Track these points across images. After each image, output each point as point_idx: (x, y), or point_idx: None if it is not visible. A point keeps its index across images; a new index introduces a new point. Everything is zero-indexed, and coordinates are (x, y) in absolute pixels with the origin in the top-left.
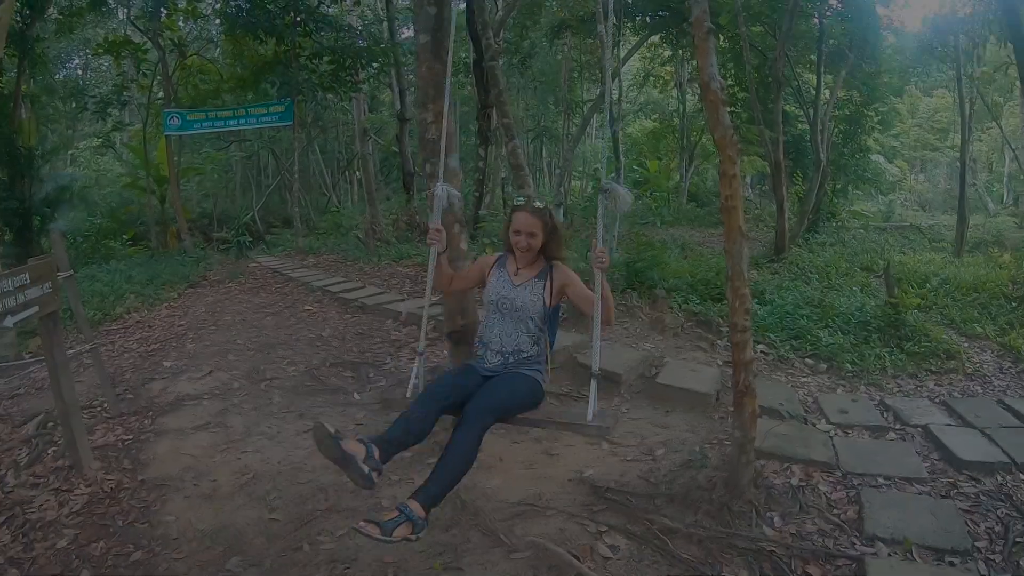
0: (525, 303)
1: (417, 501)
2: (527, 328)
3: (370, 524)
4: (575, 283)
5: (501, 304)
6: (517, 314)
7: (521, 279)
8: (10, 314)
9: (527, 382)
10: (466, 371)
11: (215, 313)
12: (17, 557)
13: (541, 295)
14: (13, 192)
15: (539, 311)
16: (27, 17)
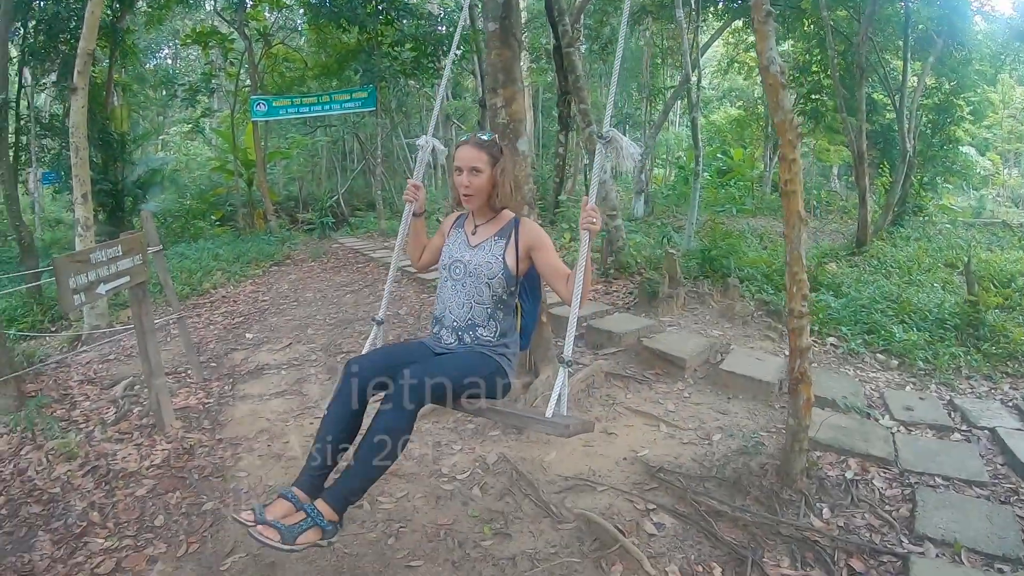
0: (480, 265)
1: (326, 502)
2: (482, 298)
3: (268, 528)
4: (545, 248)
5: (454, 269)
6: (472, 280)
7: (479, 238)
8: (103, 282)
9: (485, 363)
10: (411, 347)
11: (297, 290)
12: (99, 502)
13: (501, 256)
14: (107, 175)
15: (498, 275)
16: (117, 10)
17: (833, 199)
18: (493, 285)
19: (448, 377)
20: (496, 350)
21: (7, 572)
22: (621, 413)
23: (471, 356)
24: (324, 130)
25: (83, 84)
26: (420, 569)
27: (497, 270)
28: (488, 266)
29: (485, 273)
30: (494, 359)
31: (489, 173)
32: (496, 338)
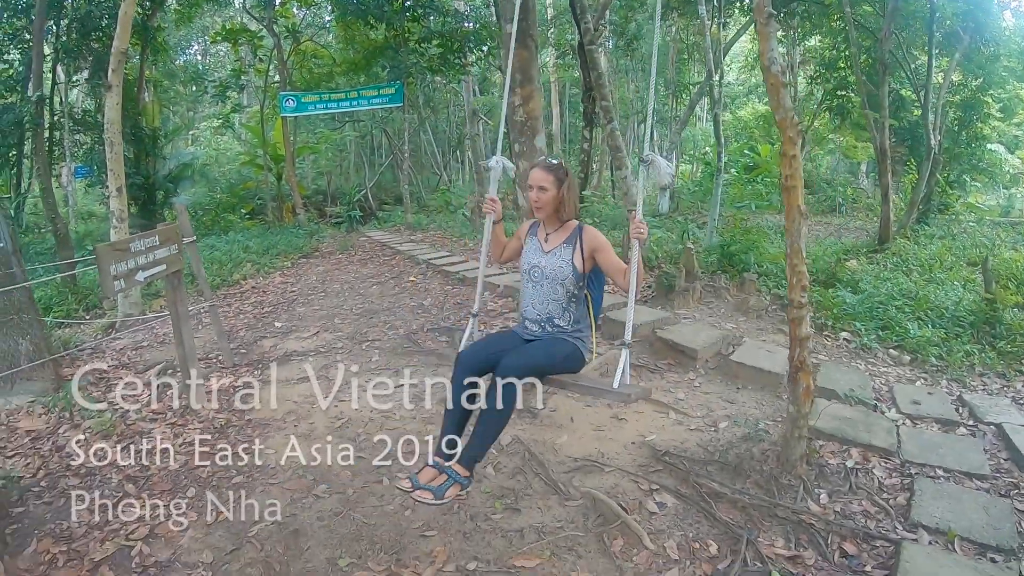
0: (554, 272)
1: (460, 464)
2: (558, 296)
3: (424, 492)
4: (606, 249)
5: (532, 273)
6: (548, 282)
7: (551, 245)
8: (142, 270)
9: (563, 347)
10: (507, 335)
11: (325, 281)
12: (134, 475)
13: (570, 260)
14: (139, 169)
15: (569, 276)
16: (148, 8)
17: (860, 196)
18: (566, 284)
19: (538, 361)
20: (572, 335)
21: (47, 537)
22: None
23: (554, 342)
24: (352, 125)
25: (117, 82)
26: (433, 539)
27: (567, 272)
28: (560, 270)
29: (558, 276)
30: (571, 342)
31: (555, 192)
32: (571, 325)
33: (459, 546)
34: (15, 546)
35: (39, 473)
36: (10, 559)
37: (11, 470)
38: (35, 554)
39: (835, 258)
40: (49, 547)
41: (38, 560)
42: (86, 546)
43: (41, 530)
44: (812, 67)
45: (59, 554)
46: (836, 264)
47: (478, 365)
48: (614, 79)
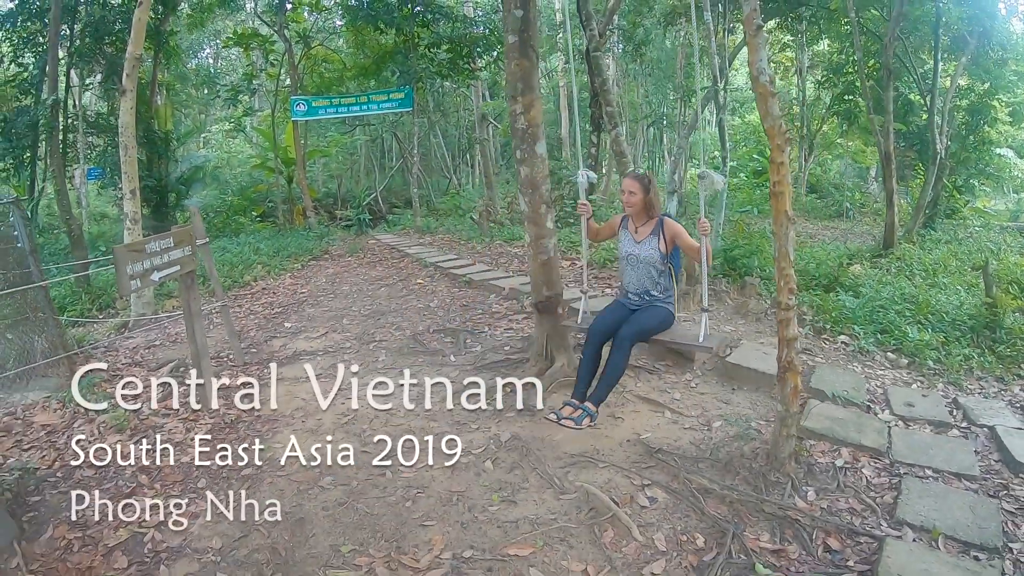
0: (646, 257)
1: (591, 402)
2: (651, 274)
3: (568, 420)
4: (683, 235)
5: (629, 259)
6: (642, 266)
7: (641, 236)
8: (157, 270)
9: (659, 312)
10: (616, 308)
11: (334, 283)
12: (147, 467)
13: (657, 247)
14: (151, 171)
15: (657, 260)
16: (161, 13)
17: (868, 200)
18: (655, 265)
19: (644, 326)
20: (665, 301)
21: (61, 524)
22: (629, 400)
23: (653, 309)
24: (363, 129)
25: (131, 87)
26: (433, 528)
27: (656, 257)
28: (651, 256)
29: (649, 260)
30: (664, 307)
31: (642, 196)
32: (663, 294)
33: (456, 535)
34: (32, 532)
35: (55, 465)
36: (27, 544)
37: (28, 462)
38: (51, 540)
39: (838, 262)
40: (64, 533)
41: (54, 546)
42: (100, 532)
43: (57, 518)
44: (820, 71)
45: (74, 540)
46: (839, 268)
47: (606, 334)
48: (623, 84)
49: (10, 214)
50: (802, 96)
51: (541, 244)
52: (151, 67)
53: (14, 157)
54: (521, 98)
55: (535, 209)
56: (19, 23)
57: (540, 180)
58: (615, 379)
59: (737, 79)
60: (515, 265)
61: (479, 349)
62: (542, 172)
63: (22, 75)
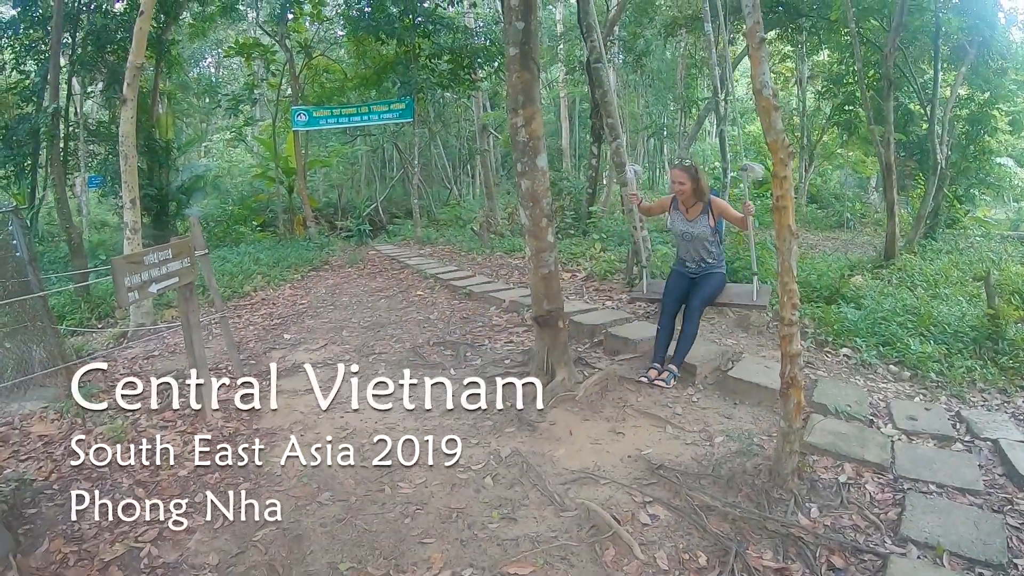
0: (699, 233)
1: (673, 363)
2: (704, 246)
3: (659, 381)
4: (728, 209)
5: (684, 236)
6: (696, 240)
7: (692, 215)
8: (155, 282)
9: (717, 278)
10: (678, 280)
11: (334, 294)
12: (144, 480)
13: (708, 224)
14: (152, 180)
15: (708, 234)
16: (163, 22)
17: (868, 211)
18: (707, 238)
19: (709, 294)
20: (718, 267)
21: (57, 538)
22: (630, 415)
23: (712, 277)
24: (364, 139)
25: (132, 95)
26: (432, 546)
27: (708, 233)
28: (703, 232)
29: (702, 236)
30: (720, 273)
31: (690, 185)
32: (716, 260)
33: (456, 553)
34: (28, 546)
35: (51, 476)
36: (23, 558)
37: (24, 473)
38: (47, 553)
39: (839, 274)
40: (60, 547)
41: (49, 559)
42: (96, 547)
43: (53, 531)
44: (820, 82)
45: (70, 554)
46: (840, 280)
47: (679, 301)
48: (623, 94)
49: (9, 223)
50: (802, 107)
51: (542, 258)
52: (152, 76)
53: (15, 165)
54: (522, 111)
55: (536, 223)
56: (21, 30)
57: (541, 193)
58: (691, 343)
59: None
60: (515, 277)
61: (479, 362)
62: (543, 185)
63: (24, 83)
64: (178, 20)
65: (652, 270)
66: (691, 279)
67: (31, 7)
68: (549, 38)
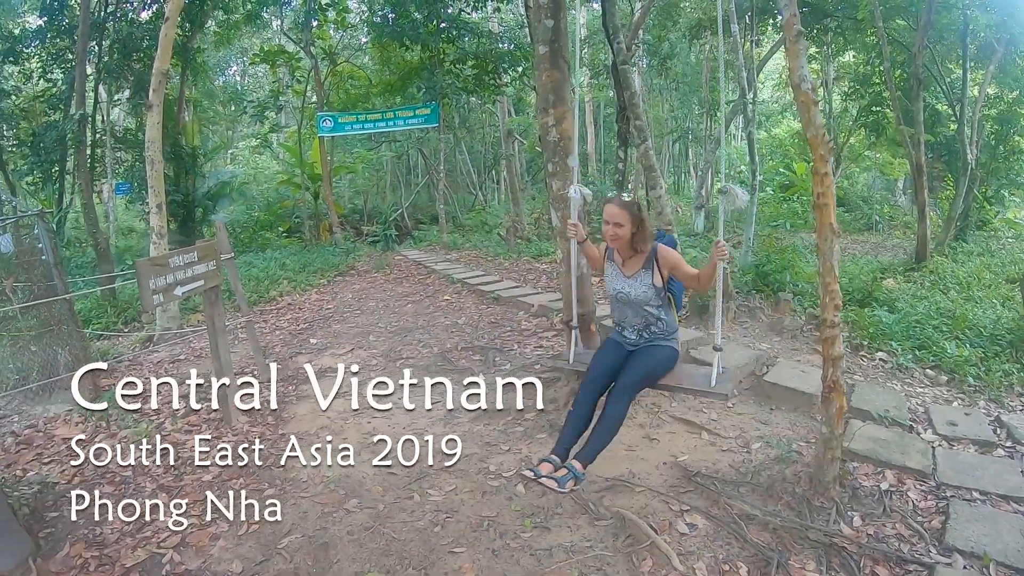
0: (639, 295)
1: (578, 460)
2: (648, 312)
3: (549, 480)
4: (680, 265)
5: (620, 297)
6: (635, 303)
7: (630, 270)
8: (180, 285)
9: (662, 353)
10: (612, 349)
11: (360, 299)
12: (168, 484)
13: (650, 283)
14: (178, 187)
15: (652, 297)
16: (188, 31)
17: (897, 213)
18: (651, 303)
19: (646, 373)
20: (667, 339)
21: (79, 542)
22: (665, 420)
23: (655, 350)
24: (389, 145)
25: (158, 102)
26: (462, 555)
27: (651, 295)
28: (644, 294)
29: (643, 299)
30: (668, 345)
31: (629, 227)
32: (663, 329)
33: (487, 563)
34: (48, 549)
35: (74, 479)
36: (43, 562)
37: (47, 476)
38: (67, 558)
39: (871, 277)
40: (81, 551)
41: (70, 564)
42: (118, 552)
43: (74, 535)
44: (847, 83)
45: (91, 559)
46: (872, 283)
47: (604, 381)
48: (648, 98)
49: (35, 227)
50: (829, 108)
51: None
52: (178, 84)
53: (42, 171)
54: (553, 110)
55: (567, 224)
56: (48, 39)
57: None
58: (610, 435)
59: (763, 92)
60: (543, 282)
61: (508, 367)
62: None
63: (51, 91)
64: (203, 28)
65: None
66: (629, 353)
67: (57, 16)
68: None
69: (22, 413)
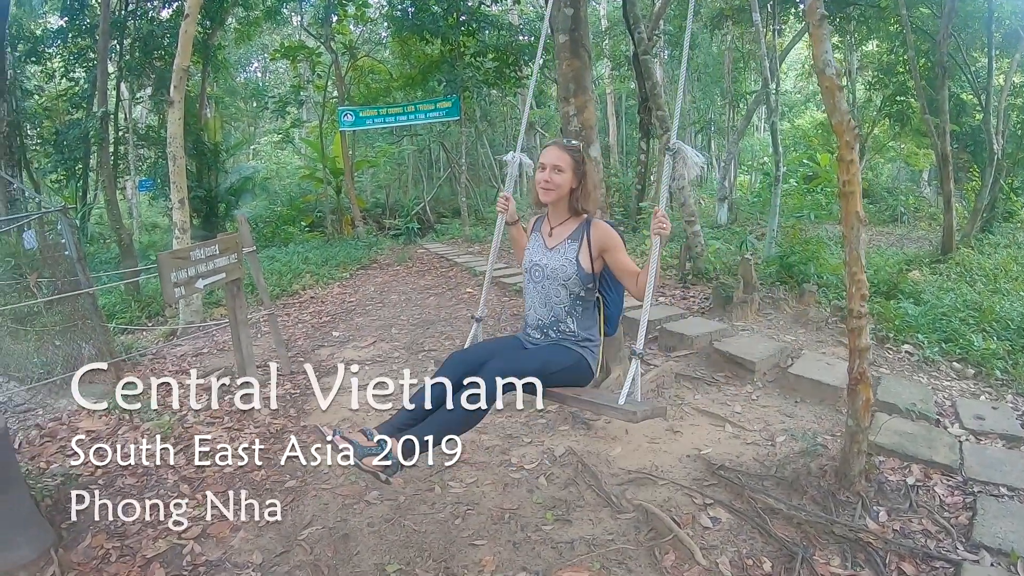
0: (556, 269)
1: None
2: (561, 298)
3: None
4: (616, 249)
5: (534, 272)
6: (550, 282)
7: (555, 240)
8: (202, 278)
9: (567, 355)
10: (506, 341)
11: (383, 292)
12: (189, 476)
13: (575, 259)
14: (201, 183)
15: (572, 276)
16: (208, 28)
17: (922, 205)
18: (569, 286)
19: (527, 366)
20: (579, 343)
21: (100, 533)
22: (688, 413)
23: (555, 349)
24: (410, 139)
25: (179, 98)
26: (483, 548)
27: (571, 272)
28: (563, 269)
29: (560, 276)
30: (576, 351)
31: (571, 174)
32: (577, 332)
33: (508, 556)
34: (70, 541)
35: (97, 472)
36: (64, 552)
37: (70, 469)
38: (89, 548)
39: (897, 269)
40: (103, 542)
41: (91, 555)
42: (139, 543)
43: (96, 526)
44: (870, 72)
45: (112, 550)
46: (898, 275)
47: (465, 368)
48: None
49: (59, 223)
50: (852, 98)
51: None
52: (200, 81)
53: (66, 168)
54: (574, 99)
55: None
56: (69, 39)
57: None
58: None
59: (785, 83)
60: None
61: None
62: (596, 176)
63: (73, 89)
64: (223, 25)
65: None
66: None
67: (78, 16)
68: (594, 34)
69: (46, 406)
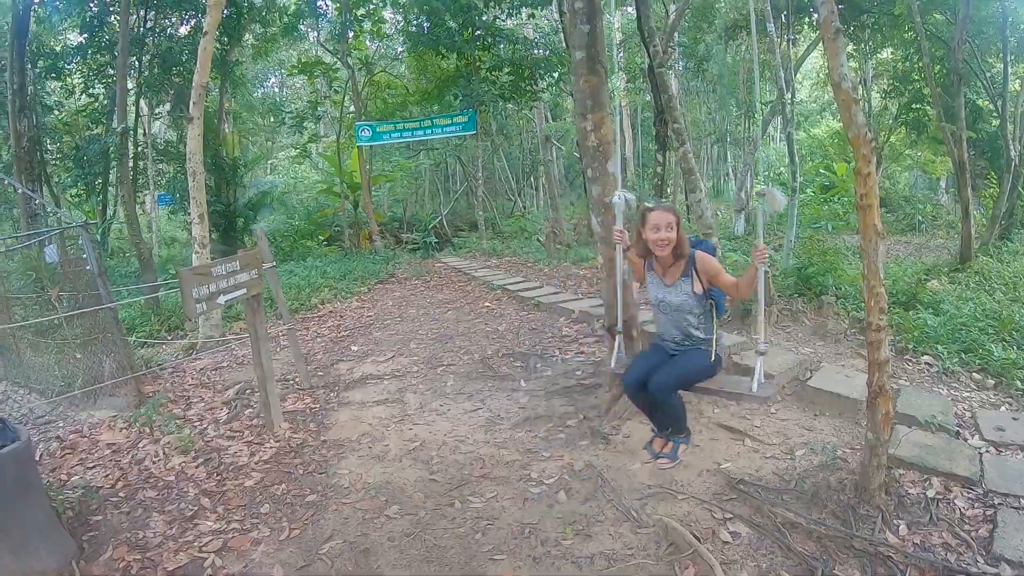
0: (680, 304)
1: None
2: (689, 321)
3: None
4: (719, 273)
5: (661, 306)
6: (677, 312)
7: (671, 279)
8: (223, 293)
9: (699, 358)
10: (653, 353)
11: (401, 306)
12: (210, 490)
13: (690, 291)
14: (219, 197)
15: (694, 305)
16: (226, 44)
17: (940, 213)
18: (693, 311)
19: (680, 374)
20: (707, 343)
21: (122, 546)
22: (707, 427)
23: (694, 354)
24: (427, 153)
25: (198, 114)
26: (503, 563)
27: (691, 303)
28: (684, 303)
29: (684, 308)
30: (707, 351)
31: (677, 230)
32: (704, 335)
33: (528, 571)
34: (91, 553)
35: (118, 484)
36: (86, 564)
37: (91, 481)
38: (110, 561)
39: (915, 278)
40: (124, 555)
41: (112, 567)
42: (160, 555)
43: (117, 538)
44: (886, 81)
45: (133, 562)
46: (917, 285)
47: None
48: (685, 101)
49: (79, 238)
50: (868, 107)
51: (615, 265)
52: (218, 96)
53: (86, 183)
54: (591, 115)
55: (608, 229)
56: (89, 55)
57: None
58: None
59: (801, 92)
60: (584, 287)
61: (550, 374)
62: (614, 191)
63: (93, 105)
64: (241, 41)
65: None
66: (669, 356)
67: (98, 33)
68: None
69: (67, 419)
